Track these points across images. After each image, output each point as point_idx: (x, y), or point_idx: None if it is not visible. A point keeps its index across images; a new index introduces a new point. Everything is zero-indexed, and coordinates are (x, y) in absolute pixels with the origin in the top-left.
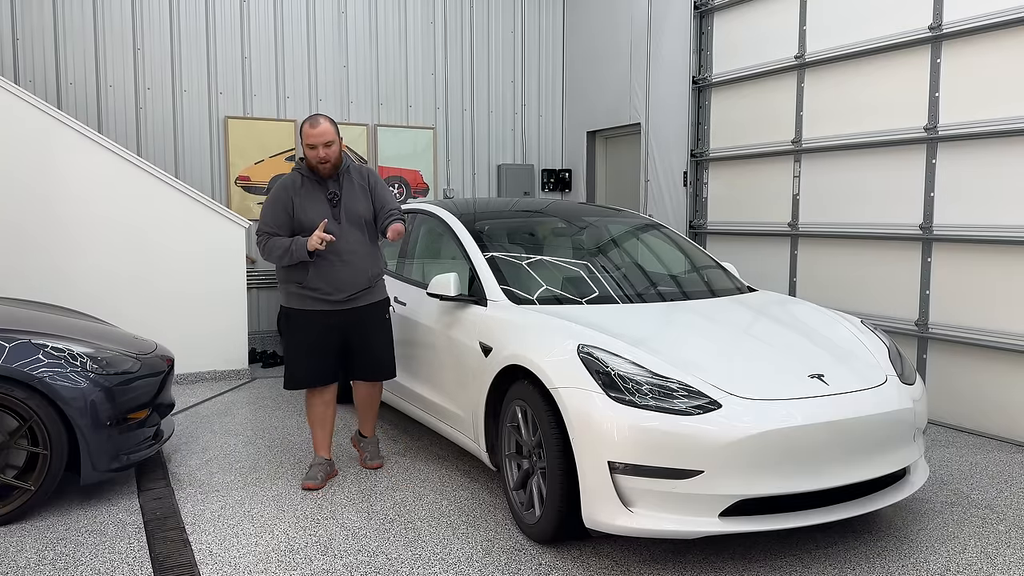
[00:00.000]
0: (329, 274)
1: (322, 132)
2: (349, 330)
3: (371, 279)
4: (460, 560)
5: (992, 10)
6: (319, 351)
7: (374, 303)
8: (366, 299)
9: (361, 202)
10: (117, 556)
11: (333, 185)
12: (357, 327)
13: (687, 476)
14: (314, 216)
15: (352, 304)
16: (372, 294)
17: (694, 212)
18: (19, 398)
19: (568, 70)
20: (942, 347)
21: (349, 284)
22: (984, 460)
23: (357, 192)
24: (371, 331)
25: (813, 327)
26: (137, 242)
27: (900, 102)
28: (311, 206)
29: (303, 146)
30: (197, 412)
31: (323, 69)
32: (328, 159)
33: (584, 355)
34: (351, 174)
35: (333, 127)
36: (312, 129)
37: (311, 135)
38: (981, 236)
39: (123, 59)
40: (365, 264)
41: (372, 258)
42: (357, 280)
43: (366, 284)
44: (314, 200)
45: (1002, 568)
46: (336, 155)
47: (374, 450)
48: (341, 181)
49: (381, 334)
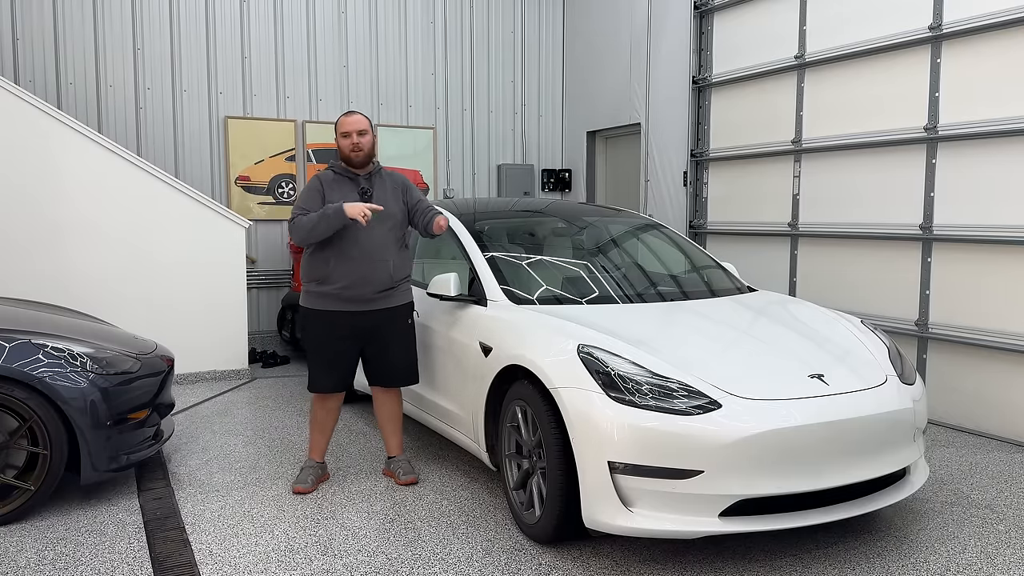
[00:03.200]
0: (352, 269)
1: (357, 120)
2: (369, 334)
3: (395, 279)
4: (460, 560)
5: (992, 10)
6: (339, 353)
7: (396, 307)
8: (388, 302)
9: (392, 201)
10: (117, 556)
11: (365, 182)
12: (377, 331)
13: (687, 476)
14: None
15: (373, 306)
16: (394, 297)
17: (694, 212)
18: (19, 398)
19: (568, 70)
20: (942, 347)
21: (371, 281)
22: (984, 460)
23: (388, 192)
24: (391, 335)
25: (813, 327)
26: (137, 242)
27: (900, 102)
28: (342, 198)
29: (338, 137)
30: (197, 412)
31: (323, 69)
32: (362, 147)
33: (584, 355)
34: (383, 176)
35: (367, 120)
36: (347, 118)
37: (346, 123)
38: (981, 236)
39: (123, 59)
40: (389, 263)
41: (398, 259)
42: (380, 278)
43: (389, 284)
44: (345, 193)
45: (1002, 568)
46: (369, 145)
47: (406, 466)
48: (372, 181)
49: (403, 338)
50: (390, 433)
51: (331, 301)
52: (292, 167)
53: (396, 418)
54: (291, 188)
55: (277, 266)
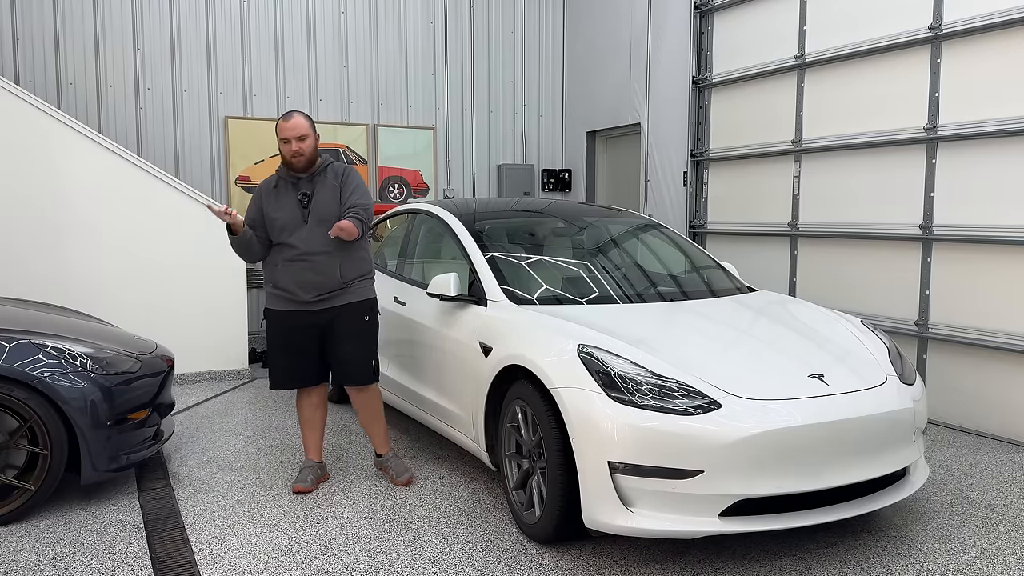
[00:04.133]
0: (295, 275)
1: (295, 125)
2: (323, 332)
3: (345, 279)
4: (460, 560)
5: (992, 10)
6: (293, 351)
7: (350, 304)
8: (340, 300)
9: (331, 203)
10: (117, 556)
11: (306, 186)
12: (330, 328)
13: (687, 476)
14: (283, 216)
15: (324, 305)
16: (347, 295)
17: (694, 212)
18: (19, 398)
19: (568, 70)
20: (942, 347)
21: (316, 286)
22: (984, 460)
23: (329, 193)
24: (343, 333)
25: (813, 327)
26: (137, 243)
27: (900, 102)
28: (281, 206)
29: (278, 141)
30: (197, 412)
31: (323, 69)
32: (302, 152)
33: (584, 355)
34: (327, 175)
35: (308, 122)
36: (285, 123)
37: (284, 128)
38: (981, 236)
39: (123, 59)
40: (335, 265)
41: (347, 260)
42: (325, 282)
43: (337, 286)
44: (285, 200)
45: (1002, 568)
46: (310, 150)
47: (399, 466)
48: (315, 182)
49: (354, 336)
50: (375, 434)
51: (282, 301)
52: None
53: (376, 417)
54: None
55: None
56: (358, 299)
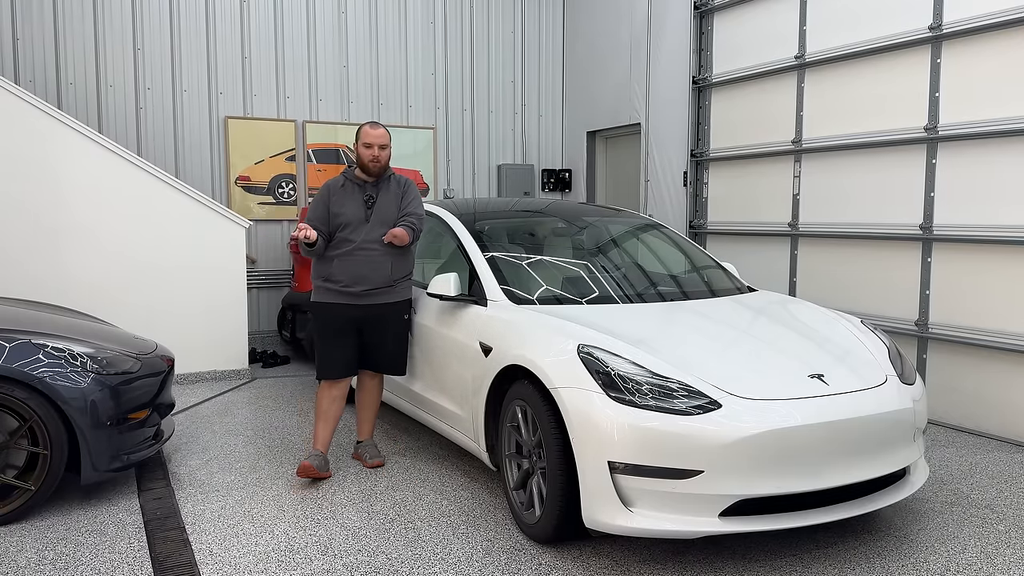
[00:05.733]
0: (351, 267)
1: (381, 135)
2: (366, 325)
3: (392, 279)
4: (460, 560)
5: (992, 10)
6: (341, 344)
7: (393, 303)
8: (385, 298)
9: (392, 208)
10: (117, 556)
11: (371, 190)
12: (373, 322)
13: (687, 476)
14: (347, 213)
15: (369, 300)
16: (392, 294)
17: (694, 212)
18: (19, 398)
19: (568, 70)
20: (942, 347)
21: (367, 279)
22: (984, 460)
23: (391, 199)
24: (388, 329)
25: (813, 327)
26: (137, 242)
27: (900, 102)
28: (347, 204)
29: (358, 145)
30: (197, 412)
31: (323, 69)
32: (380, 160)
33: (584, 355)
34: (391, 183)
35: (388, 134)
36: (372, 130)
37: (371, 134)
38: (981, 236)
39: (123, 59)
40: (387, 264)
41: (397, 259)
42: (376, 277)
43: (385, 283)
44: (351, 200)
45: (1002, 568)
46: (387, 159)
47: (373, 450)
48: (380, 188)
49: (397, 333)
50: (364, 419)
51: (334, 295)
52: (292, 167)
53: (374, 404)
54: (291, 188)
55: (277, 266)
56: (401, 299)
